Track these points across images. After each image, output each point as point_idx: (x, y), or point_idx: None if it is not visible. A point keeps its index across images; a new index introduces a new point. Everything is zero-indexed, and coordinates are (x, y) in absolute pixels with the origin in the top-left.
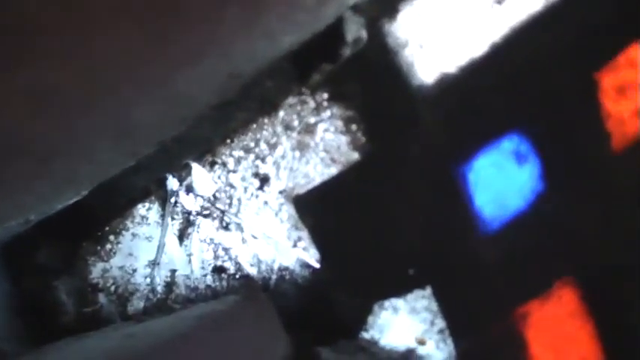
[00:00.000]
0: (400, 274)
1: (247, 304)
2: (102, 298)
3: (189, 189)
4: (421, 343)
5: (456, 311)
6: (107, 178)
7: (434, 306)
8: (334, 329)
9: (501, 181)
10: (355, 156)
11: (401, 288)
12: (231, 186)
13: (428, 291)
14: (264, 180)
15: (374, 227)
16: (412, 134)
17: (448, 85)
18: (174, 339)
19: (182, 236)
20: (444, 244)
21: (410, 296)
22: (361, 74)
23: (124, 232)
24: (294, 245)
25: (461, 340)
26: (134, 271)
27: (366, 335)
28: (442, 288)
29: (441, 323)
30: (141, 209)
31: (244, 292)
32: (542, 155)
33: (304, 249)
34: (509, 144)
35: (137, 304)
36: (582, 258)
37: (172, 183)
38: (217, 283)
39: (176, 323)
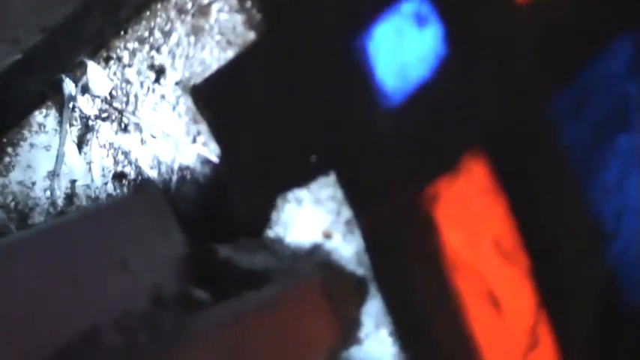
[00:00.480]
0: (302, 162)
1: (136, 199)
2: (0, 213)
3: (85, 89)
4: (327, 236)
5: (361, 196)
6: None
7: (339, 194)
8: (237, 229)
9: (403, 48)
10: (251, 36)
11: (304, 177)
12: (128, 82)
13: (332, 177)
14: (160, 72)
15: (273, 113)
16: (305, 4)
17: None
18: (49, 228)
19: (81, 143)
20: (346, 124)
21: (314, 185)
22: None
23: (21, 143)
24: (194, 141)
25: (366, 227)
26: (33, 184)
27: (270, 233)
28: (346, 173)
29: (347, 213)
30: (38, 116)
31: (134, 188)
32: (443, 15)
33: (204, 144)
34: (410, 5)
35: (38, 218)
36: (489, 127)
37: (69, 86)
38: (119, 191)
39: (58, 220)
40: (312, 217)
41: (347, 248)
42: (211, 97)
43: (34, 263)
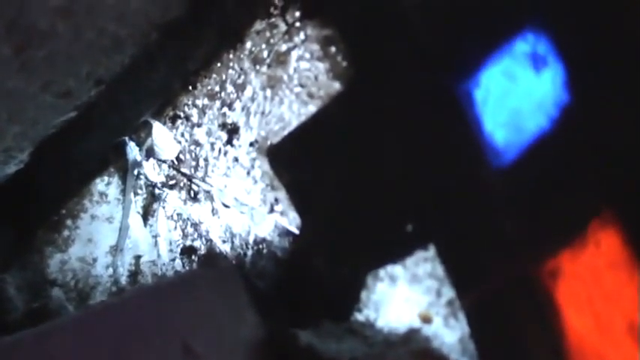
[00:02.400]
0: (396, 232)
1: (204, 275)
2: (57, 292)
3: (150, 153)
4: (426, 320)
5: (466, 273)
6: (46, 133)
7: (439, 271)
8: (321, 311)
9: (516, 95)
10: (336, 86)
11: (398, 250)
12: (197, 144)
13: (431, 252)
14: (232, 131)
15: (361, 174)
16: (401, 46)
17: None
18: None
19: (146, 214)
20: (448, 187)
21: (410, 260)
22: None
23: (82, 215)
24: (271, 210)
25: (472, 309)
26: (94, 260)
27: (359, 316)
28: (448, 245)
29: (449, 293)
30: (99, 184)
31: (202, 262)
32: (565, 55)
33: (282, 213)
34: (523, 45)
35: (99, 299)
36: (625, 187)
37: (133, 150)
38: (187, 268)
39: (114, 299)
40: (408, 298)
41: (449, 334)
42: (290, 160)
43: (80, 346)
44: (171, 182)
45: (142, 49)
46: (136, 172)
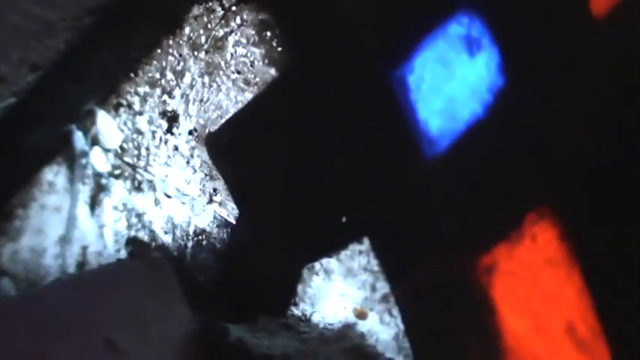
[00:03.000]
0: (331, 224)
1: (133, 266)
2: (6, 282)
3: (95, 141)
4: (361, 316)
5: (401, 267)
6: None
7: (374, 264)
8: (259, 303)
9: (450, 81)
10: (271, 72)
11: (333, 243)
12: (139, 132)
13: (365, 244)
14: (172, 119)
15: (297, 165)
16: (334, 31)
17: None
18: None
19: (93, 204)
20: (382, 177)
21: (344, 254)
22: None
23: (32, 204)
24: (210, 201)
25: (407, 306)
26: (44, 250)
27: (296, 310)
28: (382, 238)
29: (384, 288)
30: (48, 174)
31: (129, 253)
32: (499, 37)
33: (220, 204)
34: (457, 27)
35: None
36: (561, 177)
37: (79, 139)
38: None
39: (42, 287)
40: (343, 293)
41: (384, 331)
42: (228, 148)
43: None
44: (117, 172)
45: (76, 33)
46: (83, 161)
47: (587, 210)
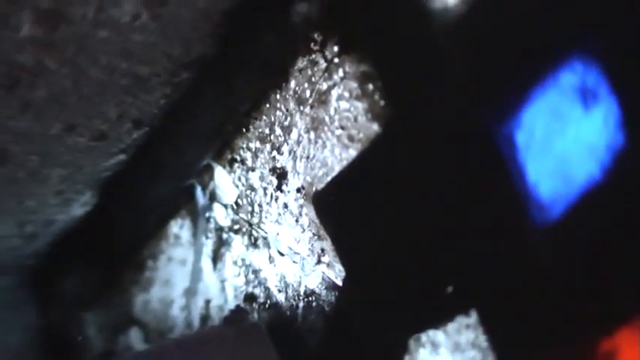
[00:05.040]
0: (437, 293)
1: (227, 333)
2: (135, 333)
3: (214, 197)
4: None
5: (511, 344)
6: (99, 176)
7: (482, 340)
8: None
9: (563, 137)
10: (374, 128)
11: (439, 314)
12: (252, 188)
13: (473, 318)
14: (281, 176)
15: (400, 228)
16: (436, 83)
17: (479, 1)
18: None
19: (216, 258)
20: (489, 245)
21: (451, 327)
22: (366, 5)
23: (160, 256)
24: (318, 261)
25: None
26: (172, 302)
27: None
28: (491, 313)
29: None
30: (174, 227)
31: (232, 320)
32: (618, 87)
33: (328, 265)
34: (570, 77)
35: None
36: None
37: (201, 194)
38: (249, 315)
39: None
40: None
41: None
42: (334, 208)
43: None
44: (236, 227)
45: (175, 88)
46: (206, 215)
47: None
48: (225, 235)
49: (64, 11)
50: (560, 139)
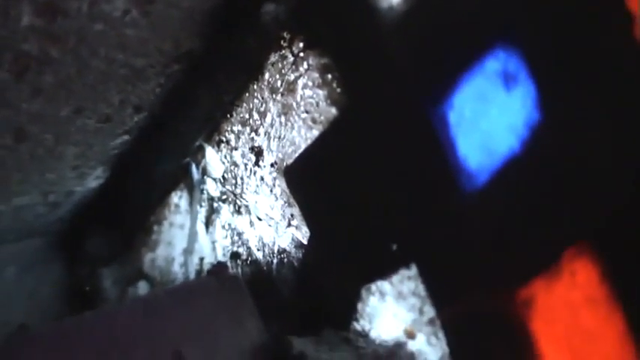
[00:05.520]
0: (383, 250)
1: (208, 283)
2: (143, 284)
3: (205, 172)
4: (411, 336)
5: (445, 293)
6: (108, 153)
7: (421, 290)
8: (326, 317)
9: (487, 116)
10: (333, 111)
11: (386, 267)
12: (235, 164)
13: (413, 270)
14: (258, 153)
15: (355, 196)
16: (382, 72)
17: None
18: (107, 314)
19: (208, 224)
20: (426, 209)
21: (396, 278)
22: (326, 7)
23: (164, 222)
24: (289, 224)
25: (451, 330)
26: (173, 259)
27: (357, 325)
28: (428, 266)
29: (430, 311)
30: (174, 197)
31: (215, 271)
32: (536, 72)
33: (297, 227)
34: (494, 63)
35: None
36: (601, 213)
37: (195, 170)
38: (235, 270)
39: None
40: (395, 313)
41: (431, 352)
42: (301, 179)
43: (62, 355)
44: (224, 197)
45: (168, 79)
46: (201, 187)
47: (630, 248)
48: (215, 204)
49: (59, 4)
50: (485, 118)
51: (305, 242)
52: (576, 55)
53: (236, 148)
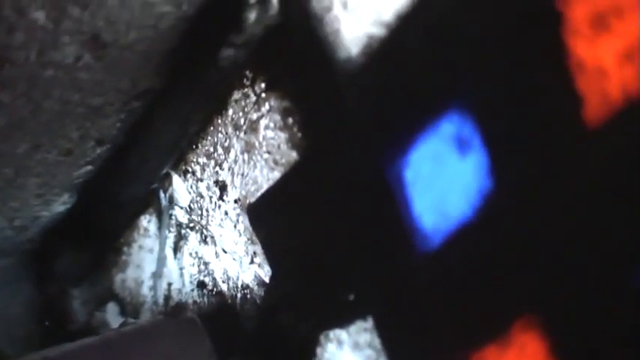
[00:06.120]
0: (341, 298)
1: (168, 326)
2: (112, 306)
3: (172, 199)
4: None
5: (400, 352)
6: (72, 181)
7: (377, 342)
8: (286, 358)
9: (442, 178)
10: (294, 155)
11: (343, 316)
12: (200, 196)
13: (369, 323)
14: (222, 188)
15: (313, 240)
16: (340, 122)
17: (376, 53)
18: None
19: (176, 249)
20: (382, 264)
21: (352, 328)
22: (286, 51)
23: (133, 244)
24: (251, 261)
25: None
26: (142, 282)
27: None
28: (383, 321)
29: None
30: (143, 221)
31: (172, 314)
32: (488, 139)
33: (259, 265)
34: (449, 126)
35: (144, 314)
36: (549, 288)
37: (163, 197)
38: (200, 299)
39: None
40: None
41: None
42: (263, 219)
43: None
44: (192, 225)
45: (130, 115)
46: (169, 212)
47: (578, 326)
48: (183, 231)
49: (6, 55)
50: (439, 181)
51: (267, 281)
52: (529, 131)
53: (202, 180)
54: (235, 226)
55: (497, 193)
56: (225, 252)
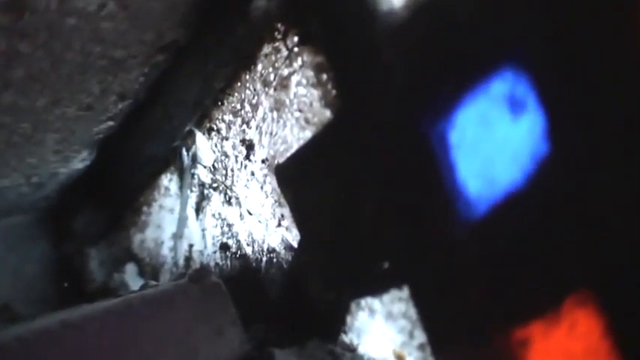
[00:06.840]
0: (374, 266)
1: (190, 290)
2: (131, 267)
3: (195, 158)
4: (400, 358)
5: (437, 325)
6: (92, 138)
7: (412, 313)
8: (312, 326)
9: (490, 142)
10: (327, 114)
11: (376, 284)
12: (225, 155)
13: (405, 292)
14: (249, 147)
15: (346, 204)
16: (379, 79)
17: (421, 6)
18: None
19: (198, 210)
20: (421, 231)
21: (386, 297)
22: (322, 3)
23: (153, 204)
24: (279, 224)
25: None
26: (162, 243)
27: (345, 338)
28: (420, 291)
29: (420, 337)
30: (164, 180)
31: (196, 278)
32: (545, 99)
33: (287, 229)
34: (501, 85)
35: (164, 275)
36: (608, 261)
37: (185, 155)
38: (223, 262)
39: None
40: (384, 332)
41: None
42: (292, 180)
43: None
44: (215, 185)
45: (153, 68)
46: (192, 171)
47: (637, 302)
48: (206, 191)
49: (26, 2)
50: (487, 144)
51: (295, 245)
52: (591, 84)
53: (227, 138)
54: (262, 188)
55: (554, 159)
56: (250, 214)
